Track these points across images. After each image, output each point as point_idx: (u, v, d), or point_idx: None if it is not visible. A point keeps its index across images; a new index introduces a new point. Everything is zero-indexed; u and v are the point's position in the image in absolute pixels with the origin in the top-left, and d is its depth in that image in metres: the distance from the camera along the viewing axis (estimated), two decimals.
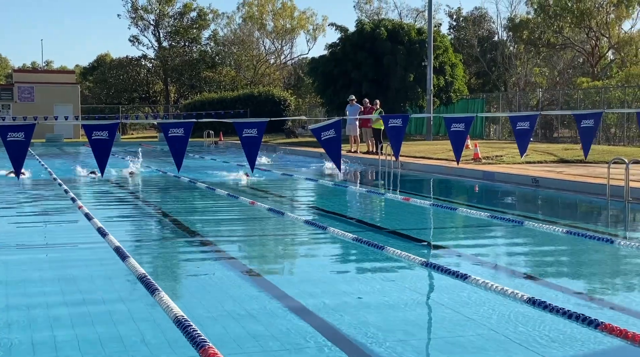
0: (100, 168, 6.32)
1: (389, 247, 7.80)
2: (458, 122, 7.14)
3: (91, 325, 5.31)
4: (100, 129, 5.83)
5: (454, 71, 37.05)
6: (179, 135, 6.21)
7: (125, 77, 69.04)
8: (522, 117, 7.30)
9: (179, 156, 6.23)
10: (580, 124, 7.46)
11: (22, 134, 5.69)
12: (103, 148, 5.95)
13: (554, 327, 5.11)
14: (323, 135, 6.08)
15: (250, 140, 6.32)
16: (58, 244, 8.71)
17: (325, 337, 5.00)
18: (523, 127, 7.17)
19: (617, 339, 4.75)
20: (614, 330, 4.82)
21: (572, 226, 9.81)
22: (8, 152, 5.79)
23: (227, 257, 7.97)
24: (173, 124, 6.24)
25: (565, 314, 5.20)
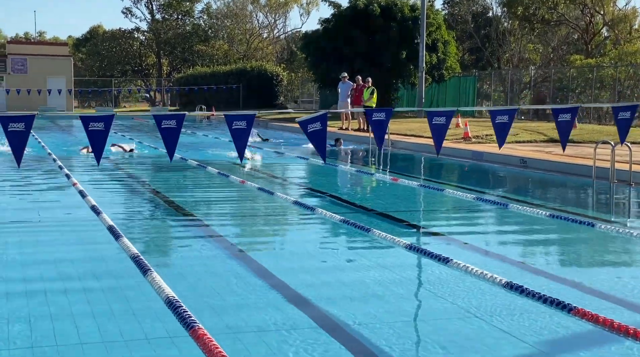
0: (96, 157, 6.49)
1: (373, 228, 8.01)
2: (440, 116, 7.33)
3: (86, 303, 5.51)
4: (97, 121, 6.01)
5: (447, 48, 37.11)
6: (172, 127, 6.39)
7: (118, 49, 68.89)
8: (502, 111, 7.49)
9: (171, 148, 6.41)
10: (558, 118, 7.66)
11: (23, 124, 5.88)
12: (99, 138, 6.13)
13: (529, 310, 5.34)
14: (309, 127, 6.28)
15: (240, 132, 6.50)
16: (51, 221, 8.91)
17: (310, 316, 5.22)
18: (502, 121, 7.37)
19: (589, 323, 4.97)
20: (585, 314, 5.04)
21: (555, 208, 10.04)
22: (9, 142, 5.98)
23: (216, 236, 8.17)
24: (167, 116, 6.41)
25: (540, 299, 5.42)
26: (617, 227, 8.37)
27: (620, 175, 12.31)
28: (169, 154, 6.60)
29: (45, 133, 25.83)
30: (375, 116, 6.29)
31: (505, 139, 7.43)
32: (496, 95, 40.38)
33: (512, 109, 7.34)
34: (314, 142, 6.42)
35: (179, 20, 70.40)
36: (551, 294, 5.54)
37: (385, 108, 6.44)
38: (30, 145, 19.04)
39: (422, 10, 32.06)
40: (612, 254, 7.63)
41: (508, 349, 4.72)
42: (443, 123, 7.31)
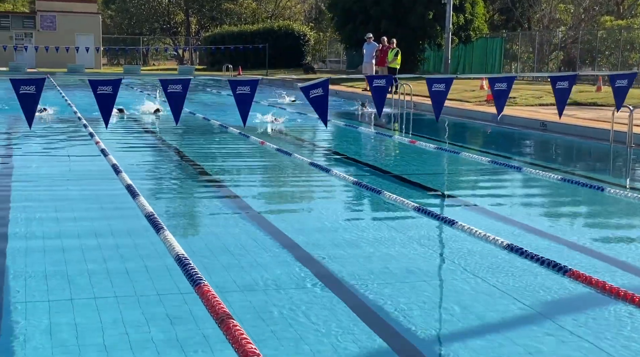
0: (105, 119, 6.70)
1: (385, 191, 8.18)
2: (439, 82, 7.43)
3: (102, 261, 5.75)
4: (105, 84, 6.20)
5: (474, 9, 36.81)
6: (177, 91, 6.58)
7: (146, 7, 68.98)
8: (501, 79, 7.56)
9: (177, 112, 6.60)
10: (555, 85, 7.72)
11: (34, 87, 6.09)
12: (107, 102, 6.32)
13: (529, 272, 5.50)
14: (311, 93, 6.43)
15: (243, 97, 6.67)
16: (74, 179, 9.19)
17: (316, 275, 5.42)
18: (501, 88, 7.45)
19: (583, 285, 5.13)
20: (580, 276, 5.20)
21: (568, 172, 10.13)
22: (20, 104, 6.21)
23: (231, 196, 8.39)
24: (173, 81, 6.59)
25: (538, 261, 5.58)
26: (627, 192, 8.45)
27: (638, 139, 12.33)
28: (175, 117, 6.80)
29: (72, 91, 26.16)
30: (376, 83, 6.42)
31: (503, 107, 7.51)
32: (525, 56, 40.01)
33: (511, 76, 7.40)
34: (316, 107, 6.57)
35: None
36: (551, 255, 5.70)
37: (387, 75, 6.54)
38: (58, 103, 19.37)
39: None
40: (618, 218, 7.75)
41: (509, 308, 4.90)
42: (442, 89, 7.41)
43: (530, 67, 39.62)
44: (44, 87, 6.31)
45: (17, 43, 52.00)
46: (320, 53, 59.38)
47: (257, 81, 6.62)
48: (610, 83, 8.30)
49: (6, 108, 18.08)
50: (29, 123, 6.37)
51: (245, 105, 6.62)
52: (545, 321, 4.61)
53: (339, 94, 26.43)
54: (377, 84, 6.97)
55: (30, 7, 73.08)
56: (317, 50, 58.30)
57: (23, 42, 52.59)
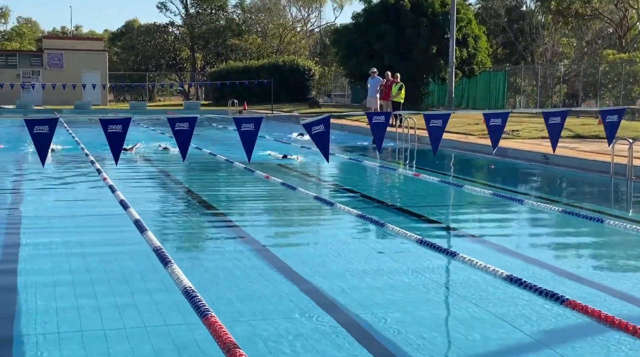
0: (115, 157, 6.90)
1: (388, 223, 8.33)
2: (436, 118, 7.63)
3: (111, 295, 5.90)
4: (115, 123, 6.41)
5: (477, 43, 37.20)
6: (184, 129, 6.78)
7: (152, 43, 69.74)
8: (495, 114, 7.77)
9: (184, 149, 6.80)
10: (548, 121, 7.92)
11: (47, 127, 6.31)
12: (117, 140, 6.53)
13: (528, 301, 5.63)
14: (313, 129, 6.63)
15: (248, 133, 6.87)
16: (82, 214, 9.36)
17: (319, 304, 5.56)
18: (495, 124, 7.64)
19: (580, 314, 5.26)
20: (576, 306, 5.33)
21: (569, 204, 10.27)
22: (34, 143, 6.42)
23: (237, 230, 8.54)
24: (180, 119, 6.80)
25: (537, 291, 5.72)
26: (625, 223, 8.59)
27: (638, 171, 12.48)
28: (182, 153, 6.99)
29: (79, 128, 26.46)
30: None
31: (498, 141, 7.69)
32: (530, 89, 40.35)
33: (504, 112, 7.60)
34: (317, 143, 6.76)
35: (212, 15, 71.04)
36: (549, 285, 5.83)
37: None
38: (65, 140, 19.62)
39: (452, 5, 32.17)
40: (614, 249, 7.88)
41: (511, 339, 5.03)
42: (439, 125, 7.61)
43: (534, 100, 39.94)
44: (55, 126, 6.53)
45: (24, 81, 52.58)
46: (325, 87, 59.87)
47: (261, 119, 6.82)
48: (601, 119, 8.50)
49: (19, 147, 18.31)
50: (42, 161, 6.56)
51: (249, 142, 6.82)
52: (544, 349, 4.75)
53: (344, 128, 26.68)
54: (377, 120, 7.20)
55: (38, 45, 74.01)
56: (322, 85, 58.80)
57: (30, 79, 53.18)
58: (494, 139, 7.74)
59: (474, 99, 41.11)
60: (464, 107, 41.12)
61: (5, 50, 62.82)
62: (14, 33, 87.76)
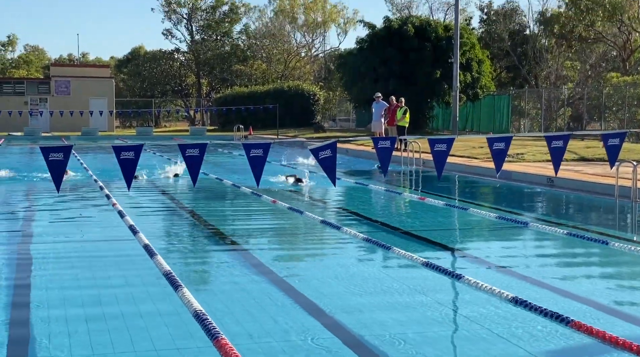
0: (127, 182, 7.05)
1: (394, 247, 8.44)
2: (441, 142, 7.75)
3: (121, 318, 6.00)
4: (128, 150, 6.55)
5: (481, 67, 37.44)
6: (194, 155, 6.92)
7: (158, 70, 70.26)
8: (498, 139, 7.90)
9: (194, 174, 6.95)
10: (551, 144, 8.05)
11: (62, 154, 6.46)
12: (129, 166, 6.67)
13: (533, 323, 5.72)
14: (320, 154, 6.76)
15: (257, 159, 7.01)
16: (92, 240, 9.49)
17: (328, 328, 5.65)
18: (499, 148, 7.77)
19: (584, 335, 5.34)
20: (581, 327, 5.41)
21: (573, 227, 10.36)
22: (49, 169, 6.58)
23: (245, 254, 8.65)
24: (190, 145, 6.94)
25: (542, 312, 5.80)
26: (630, 245, 8.67)
27: None
28: (192, 179, 7.13)
29: (87, 154, 26.65)
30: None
31: (501, 165, 7.81)
32: (534, 113, 40.49)
33: (507, 136, 7.73)
34: (324, 167, 6.90)
35: (218, 41, 71.59)
36: (554, 306, 5.92)
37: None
38: (73, 166, 19.78)
39: (455, 30, 32.45)
40: (619, 270, 7.97)
41: None
42: (444, 150, 7.73)
43: (539, 123, 40.07)
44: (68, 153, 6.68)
45: (32, 108, 52.96)
46: (330, 112, 60.14)
47: (270, 144, 6.96)
48: (603, 142, 8.62)
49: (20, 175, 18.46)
50: (57, 187, 6.71)
51: (258, 167, 6.95)
52: None
53: (350, 153, 26.82)
54: (382, 145, 7.35)
55: (45, 72, 74.60)
56: (327, 109, 59.07)
57: (38, 107, 53.58)
58: (498, 163, 7.86)
59: (478, 123, 41.28)
60: (468, 131, 41.26)
61: (13, 78, 63.36)
62: (21, 61, 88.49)
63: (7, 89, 54.81)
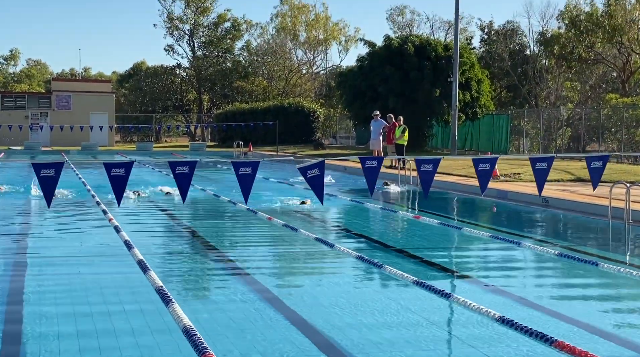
0: (117, 199, 7.15)
1: (386, 265, 8.52)
2: (427, 163, 7.86)
3: (113, 334, 6.08)
4: (118, 167, 6.65)
5: (480, 87, 37.64)
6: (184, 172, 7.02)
7: (160, 85, 70.53)
8: (484, 160, 8.01)
9: (184, 191, 7.05)
10: (535, 166, 8.17)
11: (53, 170, 6.56)
12: (119, 183, 6.78)
13: (518, 342, 5.79)
14: (309, 173, 6.87)
15: (245, 177, 7.12)
16: (87, 254, 9.57)
17: (317, 345, 5.73)
18: (484, 168, 7.88)
19: (567, 355, 5.42)
20: (564, 347, 5.49)
21: (565, 247, 10.44)
22: (40, 185, 6.69)
23: (238, 270, 8.73)
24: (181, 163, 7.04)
25: (527, 332, 5.88)
26: (620, 267, 8.75)
27: (635, 215, 12.65)
28: (182, 195, 7.24)
29: (86, 168, 26.76)
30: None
31: (486, 186, 7.91)
32: (534, 133, 40.65)
33: (493, 158, 7.83)
34: (312, 185, 7.00)
35: (219, 57, 71.91)
36: (540, 326, 6.00)
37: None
38: (71, 181, 19.87)
39: (454, 50, 32.64)
40: (607, 291, 8.04)
41: None
42: (430, 170, 7.84)
43: (538, 143, 40.22)
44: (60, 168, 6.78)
45: (32, 122, 53.15)
46: (330, 129, 60.34)
47: (258, 163, 7.06)
48: (587, 165, 8.74)
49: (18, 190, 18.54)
50: (47, 203, 6.80)
51: (247, 185, 7.06)
52: None
53: (347, 170, 26.92)
54: (369, 164, 7.44)
55: (46, 87, 74.96)
56: (327, 126, 59.26)
57: (38, 121, 53.78)
58: (483, 183, 7.98)
59: (477, 142, 41.42)
60: (467, 150, 41.40)
61: (14, 92, 63.67)
62: (23, 75, 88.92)
63: (8, 103, 55.03)
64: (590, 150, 36.90)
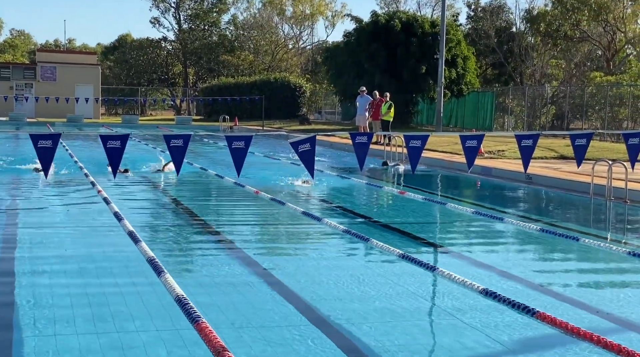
0: (113, 170, 7.28)
1: (372, 239, 8.69)
2: (416, 139, 8.01)
3: (106, 305, 6.22)
4: (115, 139, 6.76)
5: (466, 64, 37.76)
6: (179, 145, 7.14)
7: (145, 58, 70.12)
8: (471, 136, 8.16)
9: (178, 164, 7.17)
10: (521, 143, 8.34)
11: (50, 141, 6.66)
12: (116, 154, 6.89)
13: (501, 313, 5.98)
14: (300, 148, 7.00)
15: (238, 151, 7.24)
16: (77, 225, 9.69)
17: (302, 313, 5.90)
18: (471, 145, 8.04)
19: (548, 326, 5.61)
20: (545, 318, 5.68)
21: (548, 223, 10.66)
22: (38, 156, 6.80)
23: (227, 242, 8.88)
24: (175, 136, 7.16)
25: (510, 304, 6.07)
26: (600, 242, 8.97)
27: (617, 192, 12.89)
28: (176, 168, 7.36)
29: (72, 141, 26.73)
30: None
31: (473, 162, 8.07)
32: (518, 110, 40.86)
33: (479, 134, 7.98)
34: (303, 160, 7.15)
35: (205, 31, 71.53)
36: (522, 298, 6.19)
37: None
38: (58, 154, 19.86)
39: (441, 26, 32.69)
40: (587, 265, 8.26)
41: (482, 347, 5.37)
42: (419, 146, 8.00)
43: (523, 120, 40.45)
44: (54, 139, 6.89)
45: (17, 93, 52.80)
46: (316, 104, 60.31)
47: (251, 137, 7.18)
48: (571, 142, 8.92)
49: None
50: (45, 173, 6.91)
51: (239, 158, 7.19)
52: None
53: (334, 146, 27.04)
54: (359, 140, 7.59)
55: (31, 58, 74.33)
56: (313, 102, 59.24)
57: (23, 92, 53.41)
58: (469, 159, 8.15)
59: (462, 119, 41.61)
60: (452, 127, 41.60)
61: None
62: (7, 45, 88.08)
63: None
64: (574, 128, 37.18)
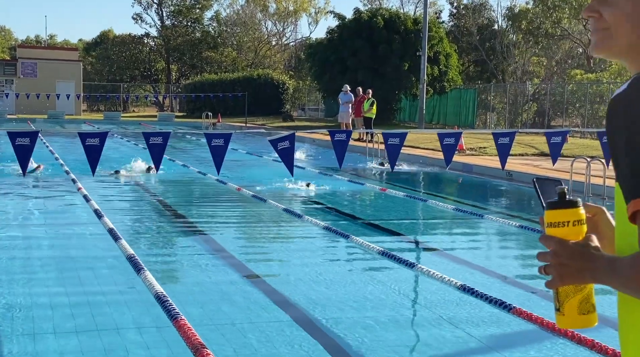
0: (92, 168, 7.29)
1: (352, 235, 8.75)
2: (394, 137, 8.07)
3: (83, 295, 6.23)
4: (93, 137, 6.77)
5: (448, 61, 37.88)
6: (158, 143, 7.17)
7: (127, 54, 69.82)
8: (449, 134, 8.24)
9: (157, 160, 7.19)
10: (498, 141, 8.43)
11: (28, 139, 6.66)
12: (95, 152, 6.90)
13: (479, 309, 6.04)
14: (279, 145, 7.05)
15: (218, 149, 7.27)
16: (57, 223, 9.68)
17: (278, 305, 5.94)
18: (449, 143, 8.13)
19: (524, 321, 5.68)
20: (522, 313, 5.75)
21: (527, 219, 10.75)
22: (16, 153, 6.81)
23: (207, 239, 8.91)
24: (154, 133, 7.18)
25: (487, 299, 6.14)
26: None
27: (595, 189, 13.00)
28: (155, 165, 7.38)
29: (53, 137, 26.62)
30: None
31: (451, 159, 8.15)
32: (500, 107, 41.05)
33: (457, 132, 8.06)
34: (282, 157, 7.19)
35: (188, 27, 71.30)
36: (499, 294, 6.26)
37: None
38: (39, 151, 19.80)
39: (424, 24, 32.77)
40: None
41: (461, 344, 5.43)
42: (397, 144, 8.06)
43: (504, 117, 40.67)
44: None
45: None
46: (299, 101, 60.29)
47: (231, 134, 7.22)
48: (547, 140, 9.02)
49: None
50: (22, 171, 6.91)
51: (219, 156, 7.22)
52: (491, 353, 5.16)
53: (316, 142, 27.07)
54: (338, 137, 7.65)
55: (11, 53, 73.81)
56: (296, 98, 59.22)
57: (3, 88, 53.05)
58: (448, 156, 8.23)
59: (444, 116, 41.75)
60: (434, 124, 41.72)
61: None
62: None
63: None
64: (555, 125, 37.39)
